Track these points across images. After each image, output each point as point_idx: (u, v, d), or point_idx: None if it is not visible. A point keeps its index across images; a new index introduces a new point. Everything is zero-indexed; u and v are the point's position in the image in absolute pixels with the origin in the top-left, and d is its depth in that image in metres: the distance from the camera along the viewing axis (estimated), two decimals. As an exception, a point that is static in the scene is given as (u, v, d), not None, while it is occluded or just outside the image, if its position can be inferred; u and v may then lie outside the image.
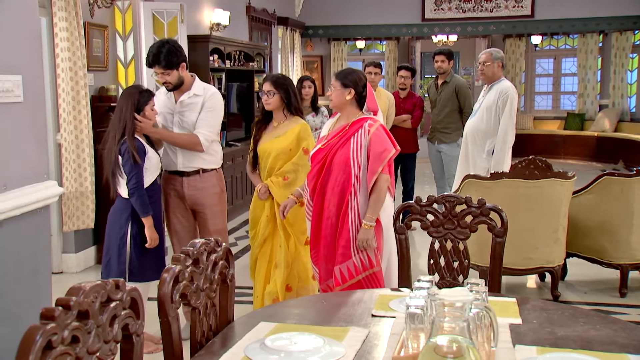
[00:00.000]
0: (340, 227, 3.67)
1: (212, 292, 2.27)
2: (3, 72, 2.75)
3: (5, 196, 2.73)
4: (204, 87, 4.37)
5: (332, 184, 3.70)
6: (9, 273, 2.77)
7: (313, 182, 3.79)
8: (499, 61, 5.90)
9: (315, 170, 3.78)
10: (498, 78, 5.90)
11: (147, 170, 4.01)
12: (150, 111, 4.04)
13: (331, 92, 3.80)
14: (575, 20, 13.25)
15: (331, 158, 3.71)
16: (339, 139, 3.72)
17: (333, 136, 3.78)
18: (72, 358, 1.59)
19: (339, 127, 3.80)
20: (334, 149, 3.72)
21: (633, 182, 5.18)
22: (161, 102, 4.30)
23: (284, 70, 12.22)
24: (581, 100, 13.95)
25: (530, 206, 4.88)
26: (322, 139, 3.88)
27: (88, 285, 1.66)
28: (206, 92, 4.34)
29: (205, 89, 4.37)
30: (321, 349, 2.02)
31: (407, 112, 7.34)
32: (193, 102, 4.29)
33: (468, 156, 6.18)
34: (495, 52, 5.99)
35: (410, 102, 7.38)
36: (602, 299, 5.23)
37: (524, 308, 2.45)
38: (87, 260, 6.24)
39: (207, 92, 4.34)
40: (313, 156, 3.85)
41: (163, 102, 4.33)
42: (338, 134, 3.75)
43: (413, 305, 2.02)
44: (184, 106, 4.29)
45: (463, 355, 1.71)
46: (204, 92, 4.32)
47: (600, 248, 5.33)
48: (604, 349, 2.03)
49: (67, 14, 5.78)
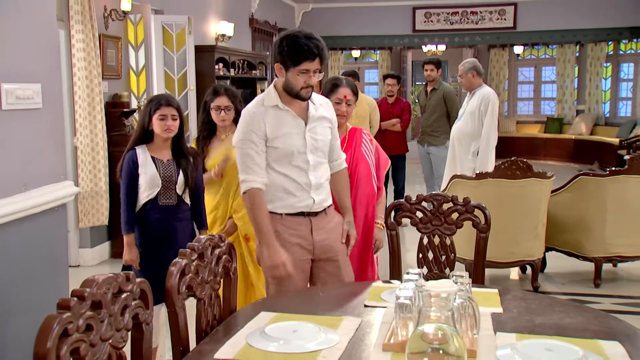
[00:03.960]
0: (366, 237, 3.37)
1: (216, 284, 2.27)
2: (24, 81, 2.75)
3: (26, 195, 2.73)
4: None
5: (360, 197, 3.35)
6: (30, 266, 2.78)
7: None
8: (472, 71, 6.03)
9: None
10: (477, 86, 6.03)
11: (139, 187, 3.32)
12: (157, 121, 3.30)
13: (346, 107, 3.35)
14: (554, 32, 13.26)
15: (356, 172, 3.34)
16: (352, 151, 3.37)
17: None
18: (86, 345, 1.60)
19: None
20: (354, 163, 3.36)
21: (607, 182, 5.18)
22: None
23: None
24: (560, 105, 13.96)
25: (512, 204, 4.88)
26: None
27: (101, 277, 1.67)
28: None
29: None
30: (317, 336, 2.02)
31: (397, 116, 7.35)
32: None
33: (455, 158, 6.22)
34: (467, 64, 6.10)
35: (399, 107, 7.41)
36: (578, 290, 5.24)
37: (505, 298, 2.45)
38: (102, 255, 6.25)
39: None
40: None
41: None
42: (342, 144, 3.32)
43: (402, 296, 2.03)
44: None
45: (447, 342, 1.71)
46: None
47: (577, 242, 5.34)
48: (577, 335, 2.04)
49: (83, 27, 5.78)
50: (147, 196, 3.31)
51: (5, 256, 2.61)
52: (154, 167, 3.32)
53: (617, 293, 5.18)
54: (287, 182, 2.89)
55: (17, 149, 2.72)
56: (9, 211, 2.59)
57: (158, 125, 3.30)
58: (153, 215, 3.32)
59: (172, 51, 7.21)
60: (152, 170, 3.31)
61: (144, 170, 3.30)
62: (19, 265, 2.71)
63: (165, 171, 3.33)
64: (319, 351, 1.93)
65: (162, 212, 3.33)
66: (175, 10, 7.56)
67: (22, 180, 2.74)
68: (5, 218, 2.58)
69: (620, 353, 1.90)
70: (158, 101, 3.34)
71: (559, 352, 1.87)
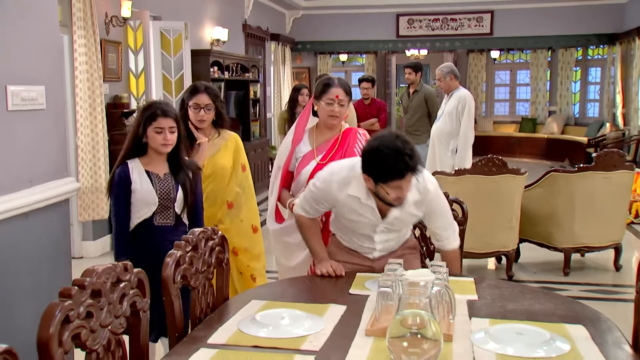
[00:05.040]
0: None
1: (210, 274, 2.27)
2: (29, 83, 2.74)
3: (31, 191, 2.72)
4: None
5: None
6: (35, 257, 2.77)
7: None
8: (450, 75, 6.13)
9: None
10: (455, 88, 6.14)
11: (132, 206, 2.77)
12: (153, 134, 2.74)
13: (339, 108, 3.08)
14: (528, 38, 13.31)
15: None
16: (343, 152, 3.14)
17: (330, 149, 3.15)
18: (87, 330, 1.60)
19: (327, 139, 3.17)
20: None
21: (575, 178, 5.22)
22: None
23: (275, 80, 12.17)
24: (533, 106, 14.03)
25: (488, 198, 4.90)
26: (308, 156, 3.14)
27: (100, 267, 1.67)
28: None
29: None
30: (304, 322, 2.02)
31: (374, 116, 7.43)
32: None
33: (435, 155, 6.27)
34: (444, 68, 6.19)
35: (375, 108, 7.49)
36: (549, 278, 5.28)
37: (480, 286, 2.46)
38: (104, 247, 6.23)
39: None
40: (317, 171, 2.97)
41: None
42: (334, 145, 3.15)
43: (383, 285, 2.04)
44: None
45: (425, 326, 1.73)
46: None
47: (548, 234, 5.37)
48: (546, 319, 2.05)
49: (85, 32, 5.75)
50: (141, 216, 2.76)
51: (12, 248, 2.61)
52: (150, 183, 2.75)
53: (584, 281, 5.22)
54: (348, 241, 2.74)
55: (22, 147, 2.72)
56: (15, 205, 2.59)
57: (154, 139, 2.74)
58: (147, 237, 2.77)
59: (170, 55, 7.19)
60: (147, 186, 2.74)
61: (138, 187, 2.73)
62: (25, 256, 2.70)
63: (162, 187, 2.77)
64: (305, 336, 1.93)
65: (157, 233, 2.77)
66: (172, 16, 7.53)
67: (28, 176, 2.73)
68: (12, 212, 2.58)
69: (583, 335, 1.93)
70: (153, 112, 2.75)
71: (529, 336, 1.89)
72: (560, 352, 1.80)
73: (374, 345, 1.88)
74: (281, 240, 3.25)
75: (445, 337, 1.85)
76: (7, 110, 2.61)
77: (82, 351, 1.64)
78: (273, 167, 3.32)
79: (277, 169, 3.26)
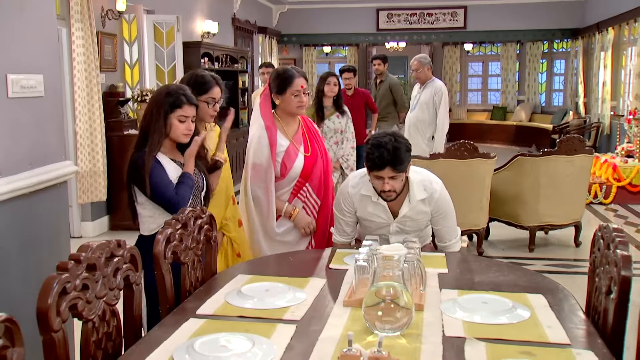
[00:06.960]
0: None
1: (199, 251, 2.27)
2: (28, 72, 2.71)
3: (31, 173, 2.70)
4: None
5: (331, 182, 3.14)
6: (35, 236, 2.75)
7: (320, 182, 3.05)
8: (427, 65, 6.14)
9: (321, 173, 3.04)
10: (430, 78, 6.14)
11: (150, 218, 2.45)
12: (176, 122, 2.41)
13: (305, 98, 2.94)
14: (499, 32, 13.34)
15: (326, 160, 3.07)
16: (314, 135, 3.07)
17: (304, 139, 3.02)
18: (83, 301, 1.60)
19: (295, 129, 3.02)
20: (323, 151, 3.08)
21: (540, 161, 5.26)
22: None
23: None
24: (504, 96, 14.09)
25: (460, 180, 4.93)
26: (291, 149, 2.95)
27: (95, 243, 1.67)
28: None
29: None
30: (287, 294, 2.04)
31: (358, 106, 6.49)
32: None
33: (410, 142, 6.27)
34: (423, 58, 6.17)
35: (361, 98, 6.73)
36: (515, 254, 5.34)
37: (450, 261, 2.49)
38: (101, 227, 6.20)
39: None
40: (308, 165, 2.98)
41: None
42: (304, 133, 3.04)
43: (360, 259, 2.06)
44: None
45: (398, 297, 1.75)
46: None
47: (515, 214, 5.43)
48: (509, 290, 2.08)
49: (82, 25, 5.68)
50: (155, 227, 2.41)
51: (13, 227, 2.59)
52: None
53: (547, 256, 5.30)
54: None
55: (22, 132, 2.69)
56: (16, 187, 2.57)
57: (177, 128, 2.40)
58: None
59: (163, 47, 7.13)
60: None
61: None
62: (26, 235, 2.69)
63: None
64: (288, 307, 1.95)
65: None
66: (165, 10, 7.45)
67: (28, 160, 2.71)
68: (13, 193, 2.56)
69: (542, 304, 1.96)
70: (177, 98, 2.39)
71: (493, 304, 1.92)
72: (521, 318, 1.84)
73: (351, 314, 1.90)
74: (278, 241, 3.02)
75: (417, 306, 1.88)
76: (8, 98, 2.58)
77: (79, 320, 1.64)
78: (247, 164, 2.96)
79: (260, 169, 2.91)
